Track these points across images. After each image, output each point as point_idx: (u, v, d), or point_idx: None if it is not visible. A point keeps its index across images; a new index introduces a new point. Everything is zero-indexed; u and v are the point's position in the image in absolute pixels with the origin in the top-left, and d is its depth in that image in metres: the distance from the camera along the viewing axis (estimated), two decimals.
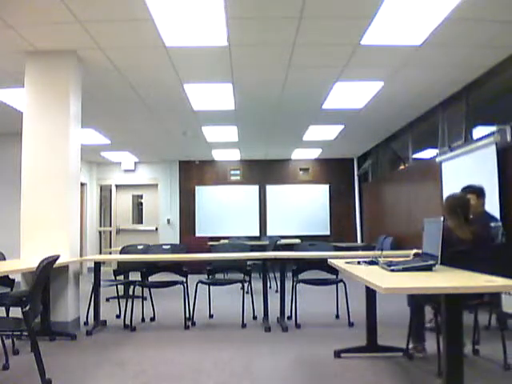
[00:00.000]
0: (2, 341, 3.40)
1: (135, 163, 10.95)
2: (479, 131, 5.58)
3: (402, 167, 8.53)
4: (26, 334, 2.74)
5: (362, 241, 10.58)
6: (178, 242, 10.52)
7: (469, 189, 4.02)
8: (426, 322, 3.52)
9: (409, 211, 7.61)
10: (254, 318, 4.80)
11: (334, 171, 10.93)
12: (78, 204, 4.58)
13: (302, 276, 4.70)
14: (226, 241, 8.79)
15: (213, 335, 4.25)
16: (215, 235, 10.19)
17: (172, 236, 10.69)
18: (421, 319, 3.39)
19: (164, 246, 5.68)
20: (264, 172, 10.91)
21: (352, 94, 5.84)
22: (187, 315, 4.60)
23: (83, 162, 9.44)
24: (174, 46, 4.20)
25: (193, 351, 3.67)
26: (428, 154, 7.46)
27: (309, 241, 5.93)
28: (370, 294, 3.48)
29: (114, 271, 5.34)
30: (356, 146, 9.75)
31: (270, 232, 10.60)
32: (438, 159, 6.24)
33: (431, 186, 6.66)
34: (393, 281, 2.36)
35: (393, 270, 2.66)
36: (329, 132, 8.09)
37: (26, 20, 3.66)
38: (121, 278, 5.42)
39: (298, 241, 9.03)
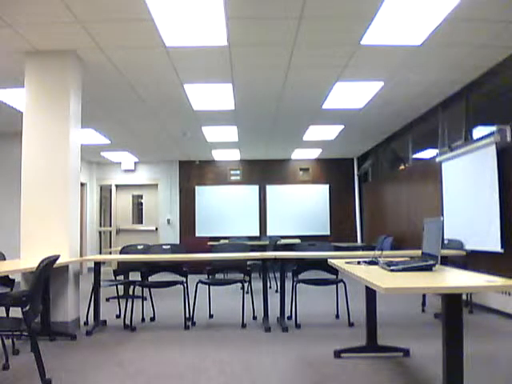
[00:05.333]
0: (2, 341, 3.40)
1: (135, 163, 10.95)
2: (479, 131, 5.58)
3: (402, 167, 8.53)
4: (25, 334, 2.74)
5: (362, 241, 10.58)
6: (178, 241, 10.53)
7: None
8: None
9: (409, 211, 7.61)
10: (254, 318, 4.80)
11: (333, 171, 10.93)
12: (78, 204, 4.58)
13: (301, 276, 4.70)
14: (226, 241, 8.79)
15: (213, 335, 4.24)
16: (215, 235, 10.21)
17: (172, 236, 10.70)
18: None
19: (164, 246, 5.67)
20: (264, 172, 10.91)
21: (352, 94, 5.84)
22: (187, 315, 4.60)
23: (83, 162, 9.46)
24: (174, 46, 4.20)
25: (193, 351, 3.67)
26: (428, 154, 7.46)
27: (309, 241, 5.93)
28: (370, 294, 3.48)
29: (114, 271, 5.34)
30: (356, 146, 9.75)
31: (270, 232, 10.61)
32: (438, 159, 6.24)
33: (431, 186, 6.66)
34: (393, 281, 2.35)
35: (393, 270, 2.65)
36: (329, 132, 8.10)
37: (26, 20, 3.66)
38: (121, 278, 5.42)
39: (297, 241, 9.03)
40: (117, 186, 11.07)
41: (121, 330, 4.44)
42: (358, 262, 3.18)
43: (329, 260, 3.67)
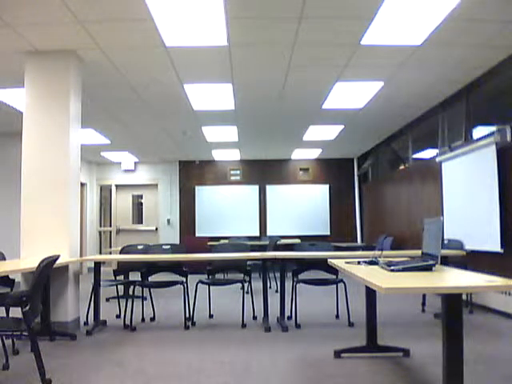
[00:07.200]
0: (2, 341, 3.40)
1: (135, 163, 10.95)
2: (479, 131, 5.58)
3: (402, 167, 8.53)
4: (25, 334, 2.74)
5: (362, 241, 10.58)
6: (178, 241, 10.53)
7: None
8: None
9: (409, 211, 7.61)
10: (254, 318, 4.80)
11: (333, 171, 10.93)
12: (78, 204, 4.58)
13: (301, 276, 4.70)
14: (226, 241, 8.80)
15: (213, 335, 4.24)
16: (215, 235, 10.21)
17: (172, 236, 10.70)
18: None
19: (164, 246, 5.68)
20: (264, 172, 10.91)
21: (352, 94, 5.84)
22: (187, 315, 4.60)
23: (83, 162, 9.46)
24: (174, 45, 4.20)
25: (193, 351, 3.66)
26: (428, 154, 7.46)
27: (309, 241, 5.93)
28: (370, 294, 3.48)
29: (114, 271, 5.34)
30: (356, 146, 9.75)
31: (270, 232, 10.61)
32: (438, 159, 6.25)
33: (431, 186, 6.66)
34: (393, 281, 2.35)
35: (393, 270, 2.65)
36: (329, 132, 8.10)
37: (26, 20, 3.66)
38: (121, 278, 5.42)
39: (298, 241, 9.04)
40: (117, 186, 11.07)
41: (121, 330, 4.44)
42: (358, 262, 3.18)
43: (329, 260, 3.67)
